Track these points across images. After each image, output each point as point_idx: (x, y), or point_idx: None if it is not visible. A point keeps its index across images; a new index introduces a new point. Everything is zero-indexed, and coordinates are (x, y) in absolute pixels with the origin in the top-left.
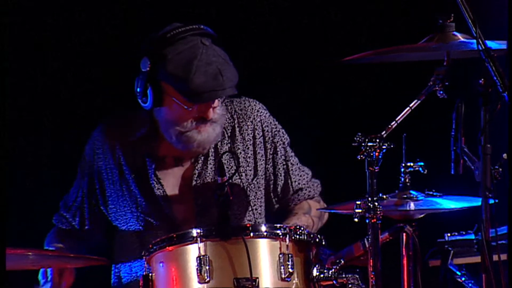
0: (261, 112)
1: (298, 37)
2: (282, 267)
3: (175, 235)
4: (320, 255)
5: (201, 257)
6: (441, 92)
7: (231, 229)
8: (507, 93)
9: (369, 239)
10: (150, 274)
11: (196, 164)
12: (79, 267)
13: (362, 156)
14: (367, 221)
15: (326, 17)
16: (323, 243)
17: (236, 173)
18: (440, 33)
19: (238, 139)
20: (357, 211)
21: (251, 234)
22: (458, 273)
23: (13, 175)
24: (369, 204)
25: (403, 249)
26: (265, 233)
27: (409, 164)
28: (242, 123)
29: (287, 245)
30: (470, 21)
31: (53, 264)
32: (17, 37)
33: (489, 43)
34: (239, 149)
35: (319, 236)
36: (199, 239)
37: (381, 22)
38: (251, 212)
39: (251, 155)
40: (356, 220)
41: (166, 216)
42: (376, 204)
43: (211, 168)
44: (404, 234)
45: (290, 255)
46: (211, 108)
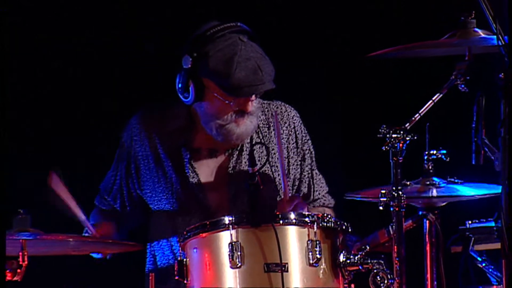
0: (295, 119)
1: (329, 33)
2: (310, 253)
3: (208, 222)
4: (346, 241)
5: (233, 243)
6: (463, 86)
7: (261, 217)
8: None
9: (393, 226)
10: (184, 259)
11: (231, 157)
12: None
13: (386, 147)
14: (391, 209)
15: (352, 15)
16: (349, 230)
17: (266, 164)
18: (461, 30)
19: (273, 140)
20: (381, 199)
21: (281, 221)
22: (478, 259)
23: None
24: (393, 193)
25: (426, 236)
26: (294, 221)
27: (432, 152)
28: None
29: (315, 232)
30: (490, 17)
31: (92, 249)
32: (56, 31)
33: (508, 39)
34: (273, 149)
35: (345, 223)
36: (231, 226)
37: (403, 19)
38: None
39: (285, 157)
40: (380, 208)
41: (200, 203)
42: (400, 193)
43: (245, 162)
44: (427, 221)
45: (317, 242)
46: (250, 101)
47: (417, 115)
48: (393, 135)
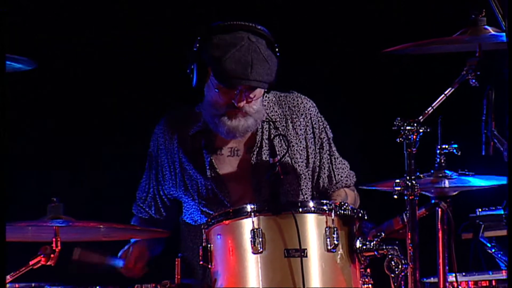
0: (312, 110)
1: (349, 31)
2: (328, 239)
3: (231, 210)
4: (362, 228)
5: (255, 230)
6: (473, 80)
7: (282, 205)
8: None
9: (407, 214)
10: (208, 245)
11: (252, 154)
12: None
13: (401, 139)
14: (406, 198)
15: (371, 14)
16: (365, 218)
17: (286, 155)
18: (472, 27)
19: (291, 132)
20: (396, 188)
21: (300, 209)
22: (488, 245)
23: (92, 159)
24: (407, 182)
25: (438, 223)
26: (313, 209)
27: (444, 146)
28: (295, 118)
29: (333, 220)
30: (499, 16)
31: (122, 236)
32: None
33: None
34: (291, 141)
35: (361, 211)
36: (252, 213)
37: (418, 17)
38: (301, 191)
39: (303, 147)
40: (395, 197)
41: (224, 201)
42: (413, 182)
43: (265, 156)
44: (439, 209)
45: (335, 229)
46: (242, 98)
47: (430, 108)
48: (407, 127)
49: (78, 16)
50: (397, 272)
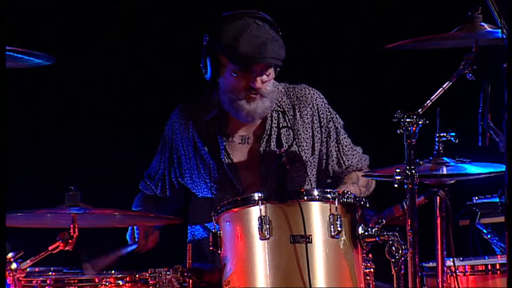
0: (318, 100)
1: (351, 29)
2: (331, 226)
3: (239, 198)
4: (364, 215)
5: (262, 217)
6: (470, 74)
7: (288, 193)
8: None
9: (407, 202)
10: (218, 231)
11: (261, 142)
12: (160, 226)
13: (401, 130)
14: (405, 186)
15: (374, 12)
16: (367, 205)
17: (292, 145)
18: (469, 24)
19: (298, 121)
20: (396, 177)
21: (305, 197)
22: (484, 231)
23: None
24: (407, 171)
25: (437, 211)
26: (317, 197)
27: (442, 134)
28: (302, 108)
29: (336, 207)
30: (495, 13)
31: (136, 223)
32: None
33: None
34: (298, 130)
35: (363, 199)
36: (260, 201)
37: (417, 14)
38: (306, 179)
39: (309, 136)
40: (396, 185)
41: (234, 185)
42: (413, 171)
43: (274, 145)
44: (437, 197)
45: (338, 216)
46: (259, 79)
47: (429, 101)
48: (407, 119)
49: (93, 10)
50: (397, 257)
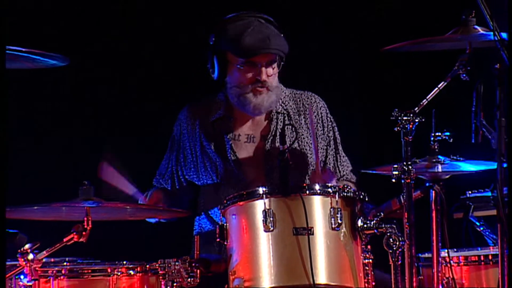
0: (322, 110)
1: (350, 32)
2: (332, 219)
3: (245, 193)
4: (363, 209)
5: (266, 210)
6: (464, 75)
7: (290, 188)
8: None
9: (404, 196)
10: (224, 224)
11: (266, 141)
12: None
13: (398, 128)
14: (403, 181)
15: (373, 15)
16: (366, 199)
17: (295, 142)
18: (463, 27)
19: (303, 126)
20: (394, 173)
21: (307, 191)
22: (477, 223)
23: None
24: (404, 167)
25: (432, 204)
26: (319, 191)
27: (437, 134)
28: (307, 114)
29: (337, 201)
30: (488, 16)
31: (146, 215)
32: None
33: (503, 35)
34: (303, 134)
35: (363, 193)
36: (264, 195)
37: (414, 18)
38: (308, 176)
39: (312, 141)
40: (393, 180)
41: (240, 182)
42: (410, 167)
43: (278, 146)
44: (433, 192)
45: (339, 209)
46: (264, 71)
47: (425, 100)
48: (404, 118)
49: (105, 11)
50: (395, 248)
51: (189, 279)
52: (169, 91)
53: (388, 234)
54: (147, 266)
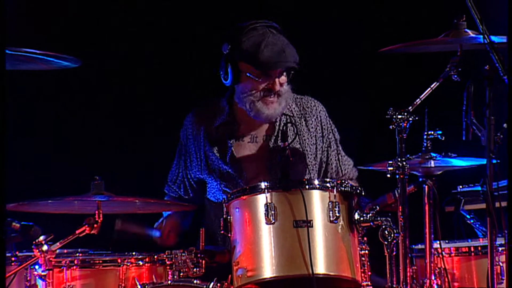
0: (322, 113)
1: (349, 35)
2: (330, 212)
3: (247, 187)
4: (360, 202)
5: (268, 204)
6: (455, 76)
7: (291, 182)
8: (507, 79)
9: (399, 191)
10: (228, 217)
11: (269, 141)
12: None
13: (393, 126)
14: (397, 177)
15: (370, 19)
16: (363, 194)
17: (295, 139)
18: (454, 30)
19: (304, 128)
20: (389, 169)
21: (307, 186)
22: (468, 216)
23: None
24: (399, 163)
25: (425, 198)
26: (318, 186)
27: (430, 132)
28: (308, 117)
29: (335, 195)
30: (478, 20)
31: (154, 209)
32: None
33: (493, 38)
34: (304, 136)
35: (359, 188)
36: (266, 190)
37: (408, 22)
38: (308, 172)
39: (313, 143)
40: (388, 175)
41: (243, 181)
42: (404, 163)
43: (280, 143)
44: (426, 186)
45: (337, 203)
46: (278, 81)
47: (418, 100)
48: (399, 116)
49: (117, 14)
50: (389, 240)
51: (194, 269)
52: (184, 87)
53: (383, 226)
54: (155, 257)
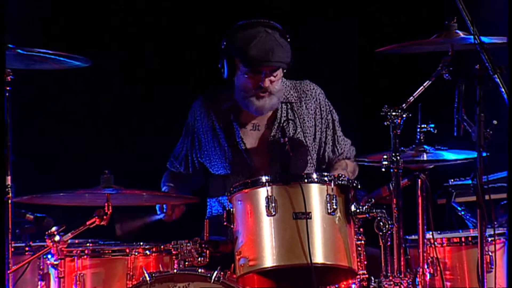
0: (320, 96)
1: (346, 35)
2: (328, 205)
3: (249, 181)
4: (356, 195)
5: (269, 197)
6: (447, 75)
7: (291, 176)
8: (507, 79)
9: (393, 184)
10: (231, 209)
11: (270, 130)
12: (183, 203)
13: (388, 122)
14: (391, 171)
15: (369, 21)
16: (359, 187)
17: (296, 134)
18: (446, 31)
19: (304, 111)
20: (384, 163)
21: (306, 180)
22: (459, 208)
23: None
24: (393, 158)
25: (418, 191)
26: (316, 179)
27: (423, 126)
28: (307, 100)
29: (332, 188)
30: (468, 21)
31: (160, 201)
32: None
33: (483, 38)
34: (303, 119)
35: (356, 181)
36: (267, 183)
37: (402, 23)
38: (307, 164)
39: (312, 125)
40: (383, 170)
41: (247, 166)
42: (398, 158)
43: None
44: (419, 180)
45: (334, 196)
46: (267, 79)
47: (412, 97)
48: (393, 113)
49: (124, 11)
50: (384, 231)
51: (199, 259)
52: (183, 81)
53: (378, 218)
54: (162, 247)
